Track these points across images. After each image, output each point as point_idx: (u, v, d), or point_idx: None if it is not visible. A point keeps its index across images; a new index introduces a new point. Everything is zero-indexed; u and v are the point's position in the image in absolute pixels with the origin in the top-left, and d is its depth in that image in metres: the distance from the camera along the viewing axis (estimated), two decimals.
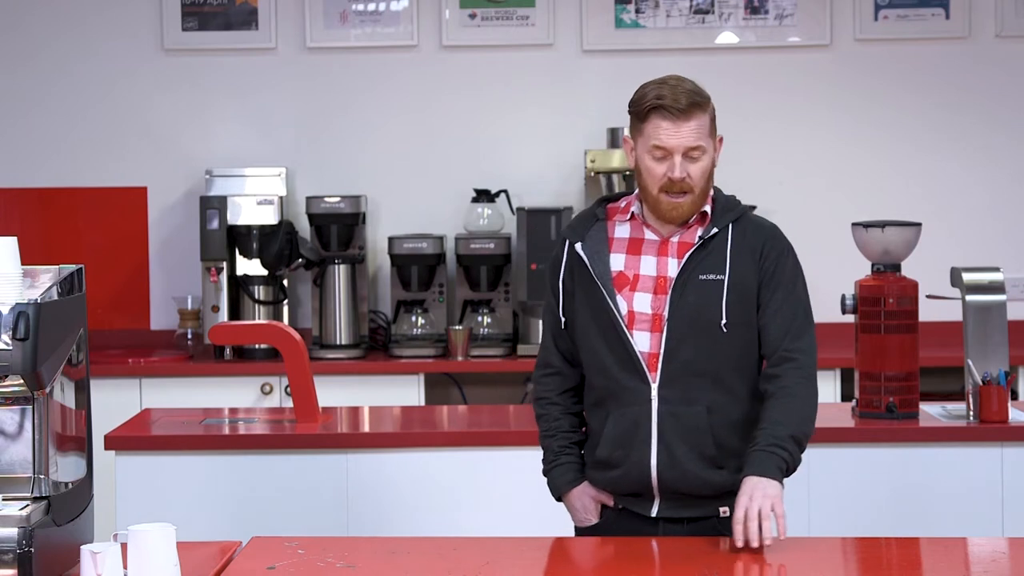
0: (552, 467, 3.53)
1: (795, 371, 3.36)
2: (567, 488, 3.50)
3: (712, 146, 3.41)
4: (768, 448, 3.29)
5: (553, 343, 3.53)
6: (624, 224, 3.47)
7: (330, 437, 4.54)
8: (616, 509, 3.47)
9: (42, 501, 3.00)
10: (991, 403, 4.50)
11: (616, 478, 3.43)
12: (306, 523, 4.43)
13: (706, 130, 3.39)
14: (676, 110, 3.35)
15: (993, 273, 4.71)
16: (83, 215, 6.55)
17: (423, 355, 6.17)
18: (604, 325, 3.41)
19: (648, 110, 3.37)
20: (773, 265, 3.42)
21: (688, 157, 3.36)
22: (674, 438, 3.37)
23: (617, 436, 3.40)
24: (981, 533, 4.31)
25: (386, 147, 6.56)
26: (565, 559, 3.31)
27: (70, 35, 6.54)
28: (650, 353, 3.38)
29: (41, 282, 3.07)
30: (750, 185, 6.45)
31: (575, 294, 3.46)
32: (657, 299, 3.39)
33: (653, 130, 3.36)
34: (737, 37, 6.49)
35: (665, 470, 3.37)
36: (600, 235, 3.46)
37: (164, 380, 6.00)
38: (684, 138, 3.35)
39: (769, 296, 3.41)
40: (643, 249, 3.43)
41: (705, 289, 3.37)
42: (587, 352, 3.45)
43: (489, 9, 6.50)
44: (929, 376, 5.38)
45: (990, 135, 6.50)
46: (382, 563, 3.15)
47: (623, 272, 3.42)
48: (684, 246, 3.41)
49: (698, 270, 3.38)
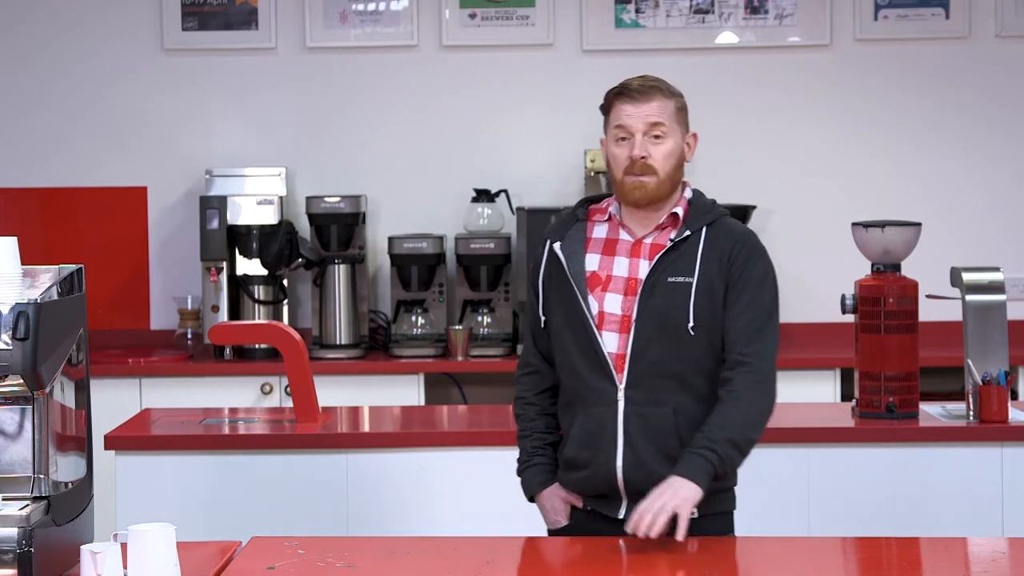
0: (525, 467, 3.55)
1: (747, 375, 3.35)
2: (538, 489, 3.52)
3: (679, 134, 3.44)
4: (699, 451, 3.29)
5: (533, 342, 3.55)
6: (602, 224, 3.49)
7: (330, 437, 4.54)
8: (585, 511, 3.47)
9: (42, 501, 3.00)
10: (991, 403, 4.50)
11: (583, 479, 3.43)
12: (306, 523, 4.43)
13: (669, 114, 3.43)
14: (636, 92, 3.44)
15: (993, 273, 4.71)
16: (83, 215, 6.55)
17: (423, 355, 6.17)
18: (576, 325, 3.42)
19: (612, 97, 3.47)
20: (740, 269, 3.40)
21: (650, 137, 3.40)
22: (640, 439, 3.37)
23: (583, 436, 3.41)
24: (981, 533, 4.31)
25: (386, 147, 6.56)
26: (565, 559, 3.31)
27: (70, 35, 6.54)
28: (617, 354, 3.39)
29: (41, 282, 3.07)
30: (750, 185, 6.47)
31: (552, 293, 3.48)
32: (627, 300, 3.40)
33: (616, 115, 3.45)
34: (737, 37, 6.49)
35: (631, 471, 3.37)
36: (578, 235, 3.48)
37: (164, 380, 6.00)
38: (644, 117, 3.40)
39: (734, 299, 3.40)
40: (617, 250, 3.45)
41: (673, 291, 3.38)
42: (560, 352, 3.47)
43: (489, 9, 6.50)
44: (929, 376, 5.37)
45: (990, 135, 6.50)
46: (382, 563, 3.15)
47: (596, 272, 3.44)
48: (656, 248, 3.43)
49: (667, 272, 3.39)
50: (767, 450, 4.44)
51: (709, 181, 6.52)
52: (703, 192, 3.53)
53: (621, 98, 3.45)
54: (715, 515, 3.42)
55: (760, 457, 4.43)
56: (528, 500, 3.56)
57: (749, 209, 6.34)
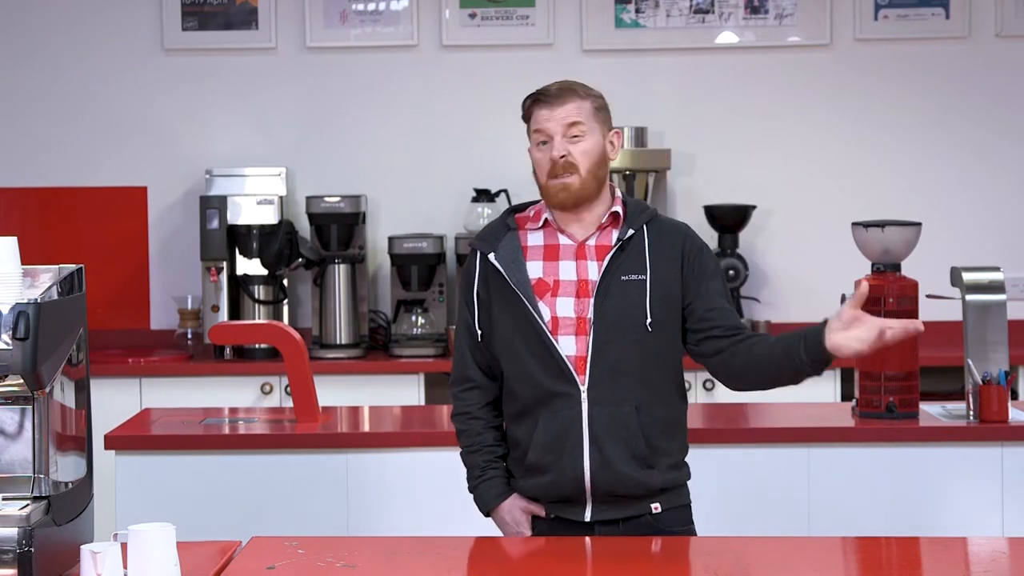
0: (479, 482, 3.52)
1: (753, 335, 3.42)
2: (496, 502, 3.49)
3: (599, 132, 3.47)
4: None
5: (471, 357, 3.52)
6: (537, 232, 3.49)
7: (330, 437, 4.54)
8: (548, 519, 3.47)
9: (42, 501, 3.00)
10: (991, 403, 4.50)
11: (547, 484, 3.43)
12: (306, 523, 4.43)
13: (586, 114, 3.45)
14: (550, 96, 3.47)
15: (993, 273, 4.72)
16: (83, 215, 6.55)
17: (423, 355, 6.17)
18: (527, 333, 3.41)
19: (529, 104, 3.53)
20: (697, 263, 3.46)
21: (568, 138, 3.43)
22: (606, 439, 3.38)
23: (548, 441, 3.40)
24: (981, 533, 4.31)
25: (386, 147, 6.56)
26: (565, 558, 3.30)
27: (70, 35, 6.54)
28: (577, 356, 3.39)
29: (41, 282, 3.07)
30: (750, 185, 6.48)
31: (492, 306, 3.47)
32: (580, 302, 3.41)
33: (535, 120, 3.50)
34: (737, 37, 6.49)
35: (598, 472, 3.38)
36: (513, 244, 3.48)
37: (164, 380, 6.00)
38: (561, 119, 3.44)
39: (704, 287, 3.44)
40: (560, 255, 3.45)
41: (628, 290, 3.40)
42: (511, 362, 3.45)
43: (489, 9, 6.50)
44: (929, 376, 5.38)
45: (990, 135, 6.50)
46: (382, 563, 3.15)
47: (542, 279, 3.44)
48: (602, 249, 3.44)
49: (619, 272, 3.41)
50: (767, 450, 4.45)
51: (709, 181, 6.57)
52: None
53: (538, 104, 3.49)
54: (676, 509, 3.47)
55: (760, 457, 4.45)
56: (484, 515, 3.53)
57: (749, 209, 6.34)
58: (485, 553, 3.23)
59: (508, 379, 3.48)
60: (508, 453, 3.53)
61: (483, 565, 3.13)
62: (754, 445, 4.49)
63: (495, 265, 3.46)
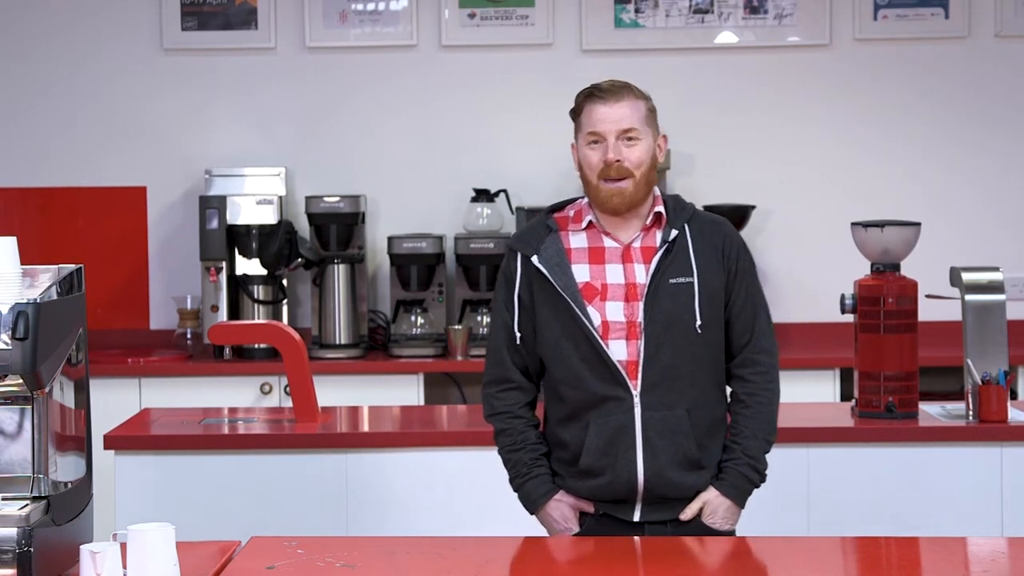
0: (525, 480, 3.51)
1: (762, 375, 3.47)
2: (543, 500, 3.49)
3: (651, 137, 3.46)
4: (742, 469, 3.45)
5: (509, 359, 3.51)
6: (579, 234, 3.48)
7: (330, 437, 4.54)
8: (597, 515, 3.47)
9: (41, 501, 3.00)
10: (991, 403, 4.50)
11: (601, 486, 3.43)
12: (306, 523, 4.43)
13: (641, 116, 3.44)
14: (607, 93, 3.44)
15: (993, 273, 4.72)
16: (83, 215, 6.55)
17: (422, 355, 6.17)
18: (576, 338, 3.40)
19: (583, 99, 3.48)
20: (734, 263, 3.47)
21: (623, 140, 3.41)
22: (658, 442, 3.39)
23: (601, 445, 3.40)
24: (981, 533, 4.31)
25: (386, 147, 6.56)
26: (565, 558, 3.31)
27: (70, 35, 6.54)
28: (628, 361, 3.39)
29: (40, 282, 3.07)
30: (750, 185, 6.48)
31: (537, 309, 3.45)
32: (630, 306, 3.40)
33: (587, 118, 3.45)
34: (736, 37, 6.49)
35: (651, 476, 3.39)
36: (556, 247, 3.45)
37: (164, 380, 6.00)
38: (616, 121, 3.41)
39: (735, 294, 3.46)
40: (606, 258, 3.44)
41: (677, 293, 3.40)
42: (559, 366, 3.44)
43: (488, 9, 6.50)
44: (929, 376, 5.38)
45: (990, 135, 6.50)
46: (382, 563, 3.15)
47: (590, 283, 3.42)
48: (647, 251, 3.43)
49: (667, 274, 3.41)
50: None
51: (709, 181, 6.56)
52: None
53: (592, 99, 3.45)
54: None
55: None
56: (530, 513, 3.54)
57: (749, 209, 6.34)
58: (485, 553, 3.23)
59: (555, 382, 3.46)
60: (550, 452, 3.52)
61: (483, 565, 3.13)
62: None
63: (539, 268, 3.43)
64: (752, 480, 3.46)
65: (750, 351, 3.47)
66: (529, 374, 3.52)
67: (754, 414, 3.46)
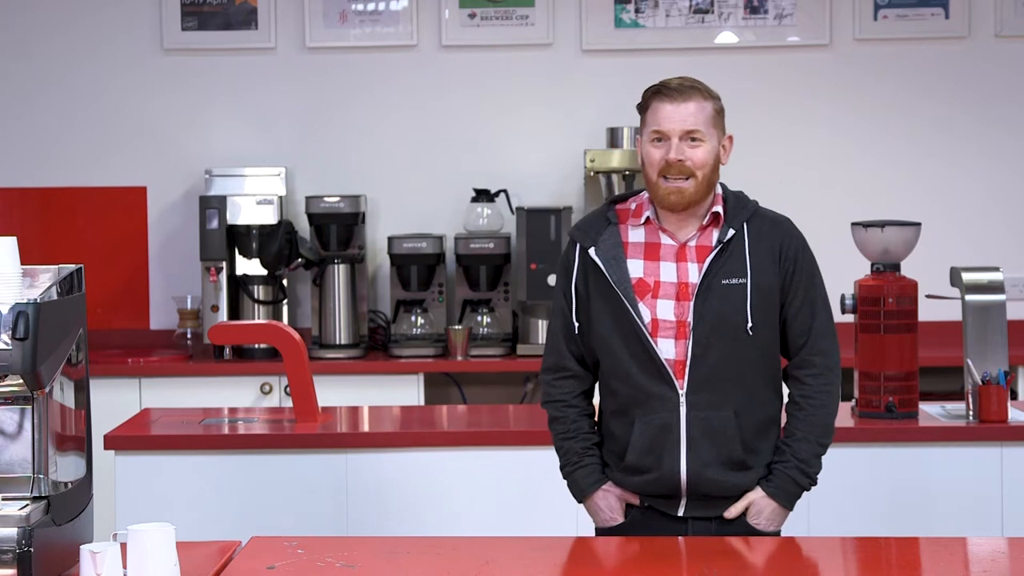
0: (575, 468, 3.52)
1: (818, 377, 3.46)
2: (592, 489, 3.50)
3: (716, 138, 3.43)
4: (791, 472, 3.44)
5: (566, 347, 3.51)
6: (638, 228, 3.46)
7: (330, 437, 4.54)
8: (642, 508, 3.48)
9: (42, 501, 3.00)
10: (990, 403, 4.50)
11: (646, 482, 3.44)
12: (306, 523, 4.43)
13: (707, 117, 3.40)
14: (674, 92, 3.40)
15: (993, 273, 4.71)
16: (83, 215, 6.55)
17: (423, 355, 6.17)
18: (626, 333, 3.40)
19: (649, 96, 3.44)
20: (792, 263, 3.44)
21: (687, 141, 3.38)
22: (703, 443, 3.39)
23: (646, 443, 3.41)
24: (981, 533, 4.31)
25: (386, 147, 6.56)
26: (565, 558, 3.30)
27: (70, 35, 6.54)
28: (676, 360, 3.38)
29: (40, 282, 3.07)
30: (750, 185, 6.42)
31: (591, 300, 3.45)
32: (680, 306, 3.39)
33: (652, 116, 3.42)
34: (736, 37, 6.49)
35: (694, 475, 3.39)
36: (614, 240, 3.44)
37: (164, 380, 5.99)
38: (681, 121, 3.38)
39: (791, 295, 3.44)
40: (661, 255, 3.43)
41: (729, 294, 3.38)
42: (609, 359, 3.44)
43: (488, 9, 6.50)
44: (929, 376, 5.38)
45: (990, 134, 6.50)
46: (382, 563, 3.15)
47: (643, 279, 3.41)
48: (702, 250, 3.41)
49: (720, 275, 3.39)
50: None
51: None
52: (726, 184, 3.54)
53: (659, 96, 3.41)
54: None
55: None
56: (578, 501, 3.55)
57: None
58: (485, 553, 3.23)
59: (606, 375, 3.47)
60: (603, 442, 3.53)
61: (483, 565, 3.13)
62: None
63: (595, 260, 3.43)
64: (801, 484, 3.45)
65: (807, 353, 3.46)
66: (585, 363, 3.52)
67: (807, 416, 3.45)
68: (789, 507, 3.47)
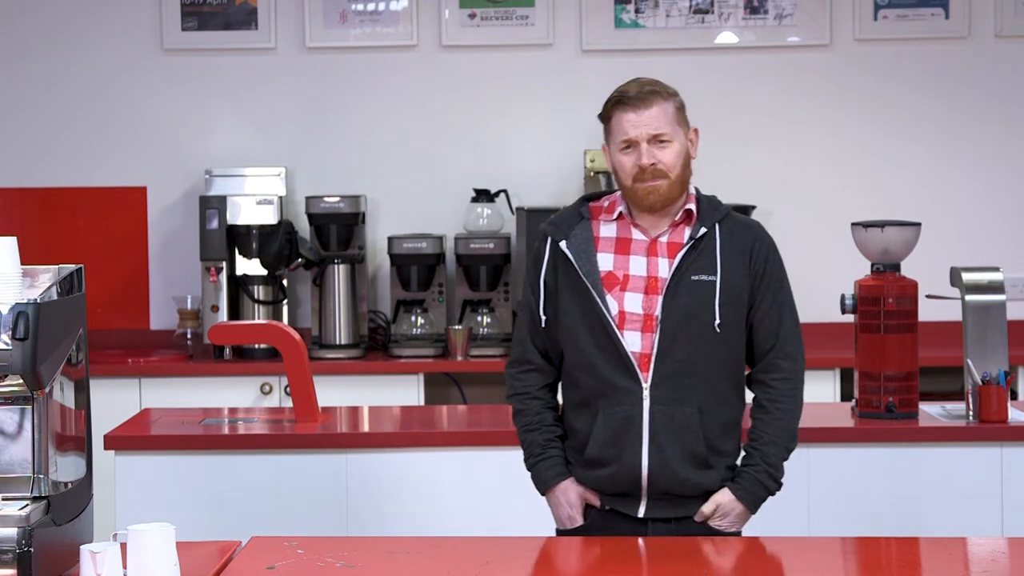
0: (538, 460, 3.53)
1: (784, 381, 3.49)
2: (554, 482, 3.50)
3: (682, 135, 3.46)
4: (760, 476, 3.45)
5: (531, 341, 3.54)
6: (610, 223, 3.48)
7: (330, 437, 4.54)
8: (602, 510, 3.48)
9: (42, 501, 3.00)
10: (991, 403, 4.50)
11: (605, 477, 3.44)
12: (306, 523, 4.43)
13: (671, 118, 3.44)
14: (635, 99, 3.42)
15: (993, 273, 4.72)
16: (83, 215, 6.55)
17: (423, 355, 6.17)
18: (593, 324, 3.41)
19: (611, 106, 3.46)
20: (763, 266, 3.47)
21: (656, 144, 3.41)
22: (666, 438, 3.39)
23: (608, 436, 3.41)
24: (981, 533, 4.31)
25: (386, 147, 6.56)
26: (565, 558, 3.31)
27: (70, 35, 6.54)
28: (642, 353, 3.39)
29: (40, 282, 3.07)
30: (750, 185, 6.47)
31: (560, 293, 3.47)
32: (648, 299, 3.40)
33: (617, 125, 3.44)
34: (737, 37, 6.49)
35: (656, 470, 3.39)
36: (585, 234, 3.47)
37: (164, 380, 6.00)
38: (647, 126, 3.41)
39: (760, 298, 3.47)
40: (632, 249, 3.45)
41: (698, 290, 3.40)
42: (574, 351, 3.46)
43: (488, 9, 6.50)
44: (929, 376, 5.38)
45: (990, 135, 6.50)
46: (382, 563, 3.15)
47: (612, 272, 3.43)
48: (673, 246, 3.43)
49: (690, 271, 3.41)
50: None
51: (709, 181, 6.51)
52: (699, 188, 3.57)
53: (621, 106, 3.44)
54: None
55: None
56: (541, 493, 3.55)
57: (749, 209, 6.33)
58: (485, 553, 3.23)
59: (570, 368, 3.48)
60: (566, 436, 3.53)
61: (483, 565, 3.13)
62: None
63: (566, 253, 3.45)
64: (768, 488, 3.46)
65: (774, 356, 3.48)
66: (550, 357, 3.53)
67: (775, 420, 3.47)
68: (754, 510, 3.48)
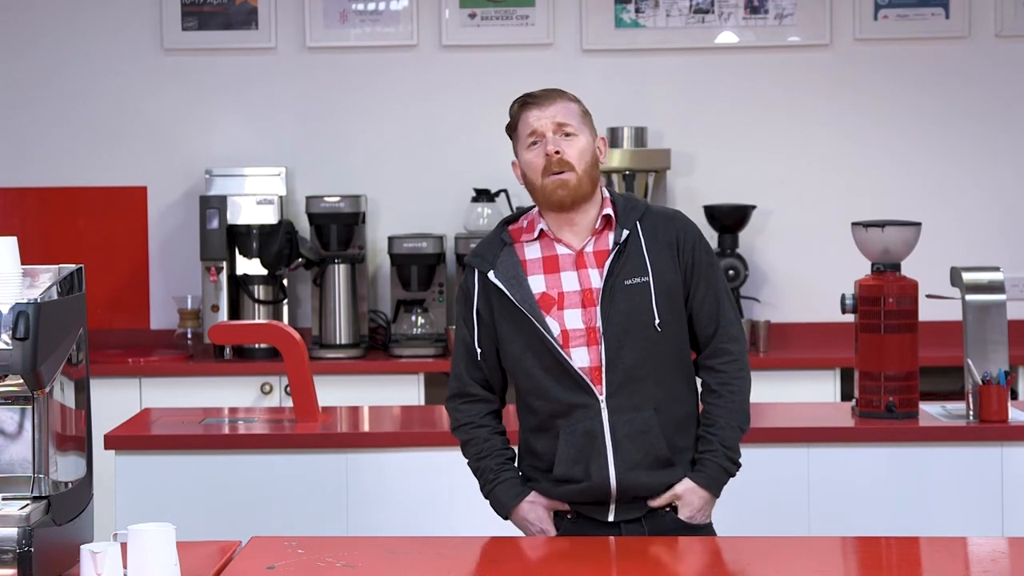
0: (494, 485, 3.50)
1: (731, 364, 3.48)
2: (515, 502, 3.47)
3: (589, 134, 3.45)
4: (719, 460, 3.44)
5: (467, 374, 3.52)
6: (534, 244, 3.47)
7: (330, 437, 4.54)
8: (573, 518, 3.47)
9: (42, 501, 3.00)
10: (991, 403, 4.50)
11: (574, 491, 3.43)
12: (306, 523, 4.43)
13: (575, 115, 3.44)
14: (539, 97, 3.44)
15: (993, 273, 4.72)
16: (83, 215, 6.55)
17: (423, 355, 6.17)
18: (538, 350, 3.40)
19: (517, 109, 3.47)
20: (691, 256, 3.45)
21: (561, 134, 3.41)
22: (628, 445, 3.38)
23: (573, 453, 3.40)
24: (981, 533, 4.31)
25: (386, 147, 6.56)
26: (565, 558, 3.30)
27: (70, 35, 6.54)
28: (591, 367, 3.39)
29: (41, 282, 3.07)
30: (750, 185, 6.48)
31: (498, 323, 3.45)
32: (587, 312, 3.40)
33: (523, 125, 3.45)
34: (737, 37, 6.49)
35: (623, 477, 3.39)
36: (511, 260, 3.45)
37: (164, 380, 6.00)
38: (550, 117, 3.41)
39: (694, 287, 3.45)
40: (560, 265, 3.43)
41: (633, 293, 3.39)
42: (524, 378, 3.44)
43: (489, 9, 6.50)
44: (929, 376, 5.38)
45: (990, 134, 6.50)
46: (382, 563, 3.15)
47: (546, 292, 3.42)
48: (600, 255, 3.42)
49: (621, 276, 3.40)
50: (767, 450, 4.45)
51: (709, 181, 6.56)
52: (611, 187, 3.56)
53: (526, 107, 3.45)
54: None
55: (760, 457, 4.45)
56: (503, 518, 3.52)
57: (749, 209, 6.34)
58: (485, 553, 3.23)
59: (524, 394, 3.47)
60: (516, 457, 3.53)
61: (483, 565, 3.13)
62: (754, 445, 4.47)
63: (496, 284, 3.43)
64: (728, 470, 3.46)
65: (718, 341, 3.47)
66: (490, 387, 3.53)
67: (727, 403, 3.46)
68: (717, 494, 3.47)
